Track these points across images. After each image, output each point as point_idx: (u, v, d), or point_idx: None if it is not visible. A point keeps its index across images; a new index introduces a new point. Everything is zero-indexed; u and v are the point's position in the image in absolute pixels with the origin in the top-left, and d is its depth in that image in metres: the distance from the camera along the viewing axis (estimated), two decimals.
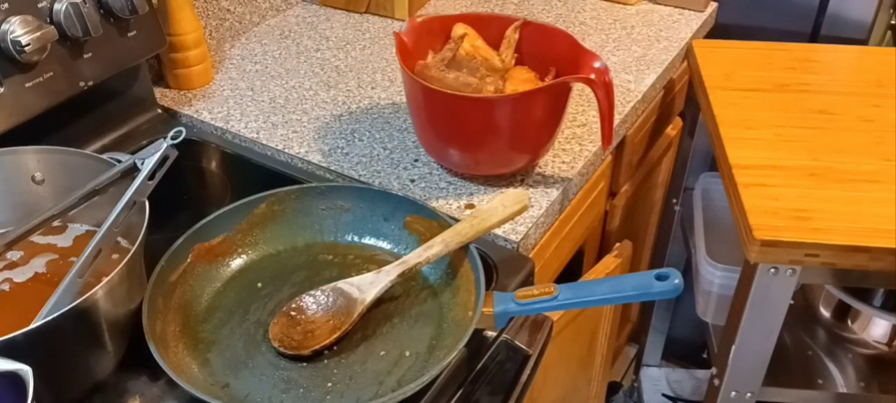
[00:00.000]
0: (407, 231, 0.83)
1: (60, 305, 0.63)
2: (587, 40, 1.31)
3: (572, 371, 1.19)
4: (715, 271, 1.28)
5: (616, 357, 1.79)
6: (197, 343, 0.73)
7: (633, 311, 1.78)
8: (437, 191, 0.94)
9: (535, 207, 0.91)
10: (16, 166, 0.79)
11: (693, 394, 1.72)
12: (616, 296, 0.74)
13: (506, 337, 0.76)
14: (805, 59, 1.30)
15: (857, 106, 1.18)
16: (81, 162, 0.79)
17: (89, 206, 0.77)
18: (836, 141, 1.10)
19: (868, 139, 1.11)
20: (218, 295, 0.78)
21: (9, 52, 0.83)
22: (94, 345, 0.67)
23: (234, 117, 1.08)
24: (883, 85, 1.23)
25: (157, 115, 1.08)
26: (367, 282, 0.75)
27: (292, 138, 1.04)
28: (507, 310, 0.72)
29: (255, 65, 1.22)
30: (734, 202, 1.02)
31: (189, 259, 0.78)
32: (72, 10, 0.86)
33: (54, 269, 0.76)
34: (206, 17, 1.23)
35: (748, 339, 1.06)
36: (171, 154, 0.74)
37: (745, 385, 1.11)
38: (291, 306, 0.75)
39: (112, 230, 0.70)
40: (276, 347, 0.72)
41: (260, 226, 0.83)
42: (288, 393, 0.69)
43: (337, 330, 0.73)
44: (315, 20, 1.37)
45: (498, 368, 0.74)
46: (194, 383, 0.66)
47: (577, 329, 1.10)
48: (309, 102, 1.12)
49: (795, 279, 0.98)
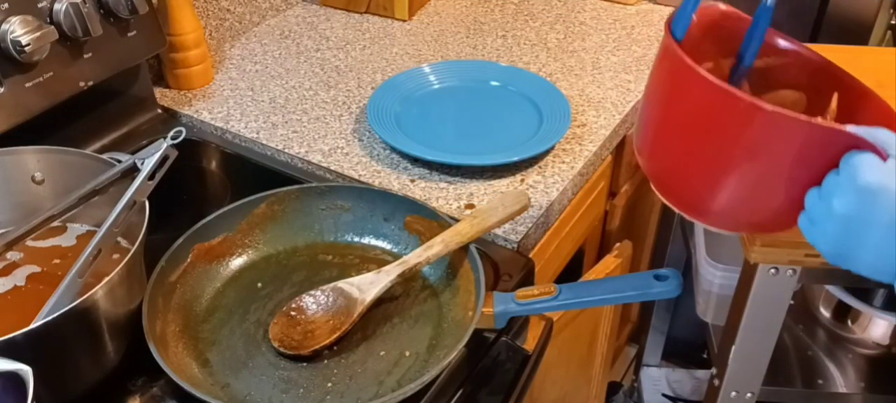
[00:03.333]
0: (407, 231, 0.83)
1: (60, 305, 0.63)
2: (587, 40, 1.31)
3: (572, 371, 1.20)
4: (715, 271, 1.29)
5: (616, 357, 1.79)
6: (197, 343, 0.73)
7: (633, 311, 1.78)
8: (437, 191, 0.94)
9: (535, 207, 0.91)
10: (16, 166, 0.79)
11: (693, 394, 1.72)
12: (616, 296, 0.74)
13: (506, 338, 0.76)
14: None
15: None
16: (81, 162, 0.79)
17: (89, 206, 0.77)
18: None
19: None
20: (218, 295, 0.78)
21: (9, 52, 0.82)
22: (94, 345, 0.67)
23: (234, 117, 1.08)
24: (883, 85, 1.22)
25: (157, 115, 1.08)
26: (367, 282, 0.75)
27: (292, 138, 1.04)
28: (507, 310, 0.72)
29: (255, 65, 1.22)
30: None
31: (189, 259, 0.78)
32: (72, 10, 0.86)
33: (55, 269, 0.76)
34: (206, 17, 1.23)
35: (748, 339, 1.06)
36: (171, 154, 0.74)
37: (745, 385, 1.11)
38: (291, 306, 0.75)
39: (112, 230, 0.70)
40: (276, 347, 0.72)
41: (260, 226, 0.83)
42: (288, 393, 0.69)
43: (337, 330, 0.73)
44: (315, 20, 1.37)
45: (498, 368, 0.74)
46: (194, 383, 0.66)
47: (577, 329, 1.10)
48: (309, 102, 1.12)
49: (795, 279, 0.98)
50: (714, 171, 0.61)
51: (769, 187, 0.59)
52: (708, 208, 0.63)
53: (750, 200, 0.61)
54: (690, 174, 0.63)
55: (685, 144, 0.63)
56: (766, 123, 0.56)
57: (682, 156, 0.64)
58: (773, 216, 0.61)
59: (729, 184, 0.60)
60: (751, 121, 0.56)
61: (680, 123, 0.63)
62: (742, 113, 0.56)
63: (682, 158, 0.64)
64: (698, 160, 0.62)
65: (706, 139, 0.60)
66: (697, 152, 0.62)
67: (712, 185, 0.61)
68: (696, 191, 0.64)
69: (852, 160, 0.53)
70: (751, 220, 0.64)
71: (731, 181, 0.60)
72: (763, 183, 0.59)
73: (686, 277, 1.67)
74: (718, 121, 0.59)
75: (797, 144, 0.56)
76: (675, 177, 0.66)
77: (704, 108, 0.60)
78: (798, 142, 0.56)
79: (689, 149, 0.63)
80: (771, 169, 0.58)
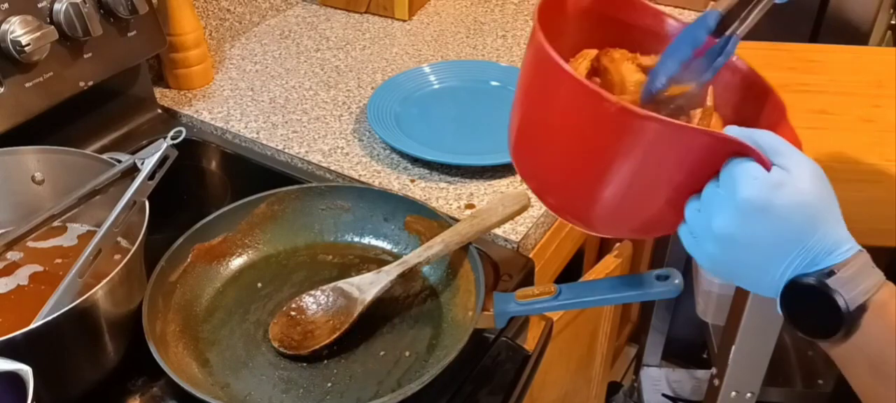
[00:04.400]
0: (407, 231, 0.83)
1: (60, 305, 0.63)
2: None
3: (572, 371, 1.20)
4: None
5: (616, 357, 1.79)
6: (197, 343, 0.73)
7: (633, 311, 1.78)
8: (437, 190, 0.94)
9: (536, 207, 0.91)
10: (16, 166, 0.79)
11: (693, 394, 1.72)
12: (616, 296, 0.74)
13: (506, 338, 0.76)
14: (805, 59, 1.30)
15: (857, 106, 1.18)
16: (81, 162, 0.79)
17: (89, 206, 0.77)
18: (836, 141, 1.10)
19: (868, 139, 1.11)
20: (218, 295, 0.78)
21: (9, 52, 0.82)
22: (94, 345, 0.67)
23: (234, 117, 1.08)
24: (883, 85, 1.23)
25: (157, 115, 1.08)
26: (367, 282, 0.75)
27: (292, 138, 1.04)
28: (507, 310, 0.72)
29: (255, 65, 1.22)
30: None
31: (189, 259, 0.78)
32: (72, 10, 0.86)
33: (57, 269, 0.76)
34: (206, 17, 1.23)
35: (748, 339, 1.06)
36: (171, 154, 0.74)
37: (745, 385, 1.11)
38: (291, 306, 0.75)
39: (112, 230, 0.70)
40: (275, 347, 0.72)
41: (260, 226, 0.83)
42: (288, 393, 0.69)
43: (337, 330, 0.73)
44: (315, 20, 1.37)
45: (498, 368, 0.74)
46: (194, 383, 0.66)
47: (577, 329, 1.10)
48: (309, 102, 1.12)
49: None
50: (588, 178, 0.55)
51: (649, 195, 0.54)
52: (586, 215, 0.58)
53: (630, 208, 0.56)
54: (564, 179, 0.58)
55: (555, 148, 0.57)
56: (640, 129, 0.51)
57: (554, 160, 0.58)
58: (657, 224, 0.57)
59: (605, 190, 0.55)
60: (623, 126, 0.51)
61: (548, 124, 0.57)
62: (612, 117, 0.51)
63: (554, 163, 0.58)
64: (571, 165, 0.57)
65: (577, 144, 0.55)
66: (569, 157, 0.56)
67: (588, 192, 0.56)
68: (571, 198, 0.59)
69: (733, 170, 0.49)
70: (633, 227, 0.60)
71: (607, 188, 0.54)
72: (642, 190, 0.54)
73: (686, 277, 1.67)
74: (588, 125, 0.53)
75: (675, 150, 0.51)
76: (549, 182, 0.61)
77: (573, 111, 0.54)
78: (676, 148, 0.51)
79: (559, 152, 0.57)
80: (649, 176, 0.53)
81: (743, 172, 0.48)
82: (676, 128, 0.51)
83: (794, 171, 0.49)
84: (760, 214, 0.48)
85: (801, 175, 0.49)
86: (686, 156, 0.51)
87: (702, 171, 0.51)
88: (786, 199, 0.48)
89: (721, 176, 0.50)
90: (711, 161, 0.50)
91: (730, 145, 0.49)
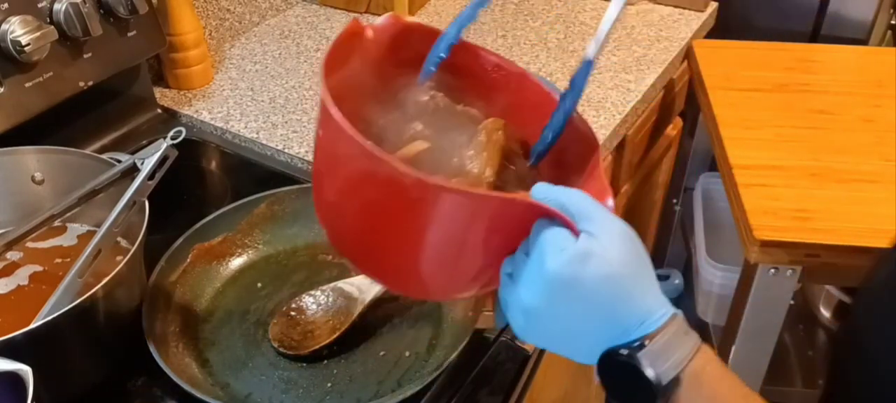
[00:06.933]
0: None
1: (60, 305, 0.63)
2: (587, 40, 1.31)
3: (572, 371, 1.19)
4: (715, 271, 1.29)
5: None
6: (197, 343, 0.73)
7: None
8: None
9: None
10: (16, 166, 0.79)
11: None
12: None
13: (506, 338, 0.76)
14: (805, 59, 1.30)
15: (857, 106, 1.18)
16: (81, 162, 0.79)
17: (89, 206, 0.77)
18: (836, 141, 1.10)
19: (868, 139, 1.11)
20: (218, 295, 0.78)
21: (9, 52, 0.82)
22: (94, 345, 0.67)
23: (234, 117, 1.08)
24: (883, 85, 1.23)
25: (157, 115, 1.08)
26: (367, 282, 0.75)
27: (292, 138, 1.04)
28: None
29: (255, 65, 1.22)
30: (734, 202, 1.02)
31: (189, 259, 0.78)
32: (72, 10, 0.86)
33: (57, 269, 0.76)
34: (206, 17, 1.23)
35: (748, 339, 1.06)
36: (171, 154, 0.74)
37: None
38: (291, 306, 0.75)
39: (112, 230, 0.70)
40: (275, 347, 0.72)
41: (260, 226, 0.83)
42: (288, 393, 0.69)
43: (337, 330, 0.73)
44: (315, 20, 1.37)
45: (498, 368, 0.74)
46: (194, 383, 0.66)
47: None
48: (309, 102, 1.12)
49: (795, 279, 0.98)
50: (402, 250, 0.51)
51: (469, 260, 0.50)
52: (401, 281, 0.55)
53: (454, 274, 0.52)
54: (372, 249, 0.54)
55: (355, 214, 0.52)
56: (438, 200, 0.47)
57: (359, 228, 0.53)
58: (481, 285, 0.53)
59: (422, 260, 0.51)
60: (420, 196, 0.47)
61: (343, 188, 0.52)
62: (409, 188, 0.46)
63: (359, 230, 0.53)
64: (375, 235, 0.52)
65: (376, 214, 0.50)
66: (370, 226, 0.52)
67: (406, 264, 0.52)
68: (382, 264, 0.54)
69: (540, 237, 0.46)
70: (455, 292, 0.57)
71: (425, 257, 0.50)
72: (459, 256, 0.50)
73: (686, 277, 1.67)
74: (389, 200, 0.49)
75: (482, 217, 0.48)
76: (358, 250, 0.55)
77: (366, 178, 0.49)
78: (482, 215, 0.48)
79: (360, 220, 0.52)
80: (457, 243, 0.49)
81: (550, 241, 0.46)
82: (475, 197, 0.48)
83: (603, 239, 0.46)
84: (568, 290, 0.46)
85: (610, 243, 0.46)
86: (494, 222, 0.48)
87: (515, 232, 0.48)
88: (593, 271, 0.45)
89: (530, 240, 0.48)
90: (520, 223, 0.48)
91: (536, 210, 0.47)
